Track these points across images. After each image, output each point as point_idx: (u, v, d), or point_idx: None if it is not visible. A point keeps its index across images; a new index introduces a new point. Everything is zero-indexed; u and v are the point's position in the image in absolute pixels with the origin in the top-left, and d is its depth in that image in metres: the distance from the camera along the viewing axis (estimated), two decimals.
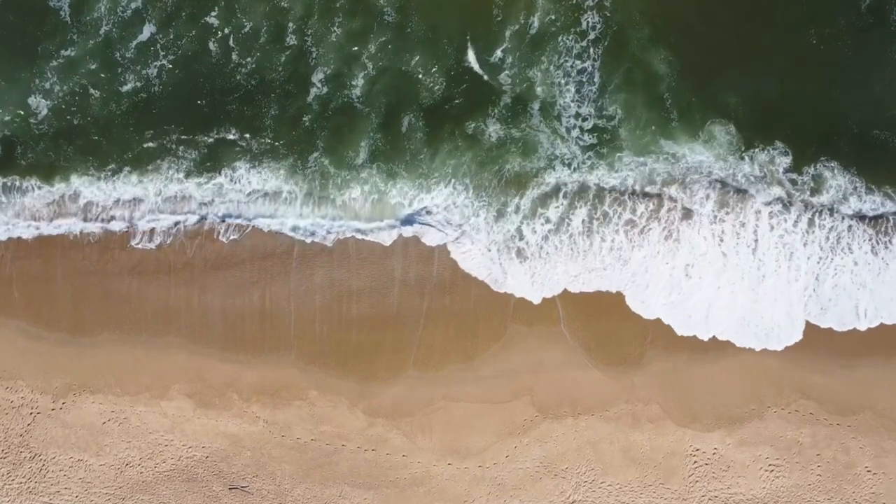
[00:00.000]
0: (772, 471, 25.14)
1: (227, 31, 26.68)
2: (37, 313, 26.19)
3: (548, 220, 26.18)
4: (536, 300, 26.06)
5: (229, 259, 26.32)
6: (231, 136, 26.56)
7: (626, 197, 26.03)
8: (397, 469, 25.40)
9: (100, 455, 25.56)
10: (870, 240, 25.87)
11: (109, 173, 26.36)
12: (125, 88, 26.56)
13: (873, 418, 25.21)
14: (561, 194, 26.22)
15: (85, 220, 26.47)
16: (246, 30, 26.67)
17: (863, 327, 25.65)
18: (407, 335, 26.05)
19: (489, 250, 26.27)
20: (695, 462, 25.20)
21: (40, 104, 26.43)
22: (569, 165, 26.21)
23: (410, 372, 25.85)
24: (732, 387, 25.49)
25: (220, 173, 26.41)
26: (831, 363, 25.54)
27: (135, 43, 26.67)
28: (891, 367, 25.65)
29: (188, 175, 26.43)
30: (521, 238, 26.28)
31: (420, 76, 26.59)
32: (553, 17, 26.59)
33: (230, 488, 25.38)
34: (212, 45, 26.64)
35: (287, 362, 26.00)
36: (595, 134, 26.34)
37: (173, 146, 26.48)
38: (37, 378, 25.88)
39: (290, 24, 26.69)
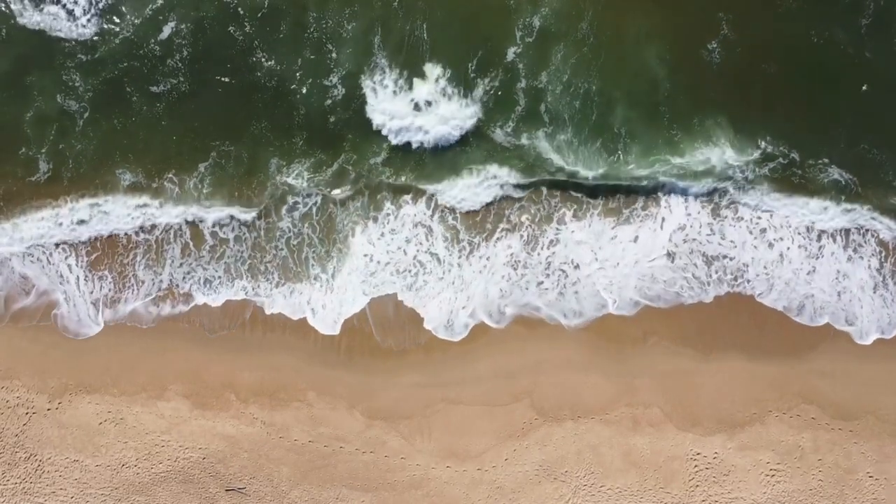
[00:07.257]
0: (773, 476, 25.03)
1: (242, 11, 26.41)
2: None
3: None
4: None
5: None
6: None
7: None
8: (395, 471, 25.27)
9: (96, 456, 25.41)
10: None
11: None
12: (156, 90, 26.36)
13: (875, 423, 25.12)
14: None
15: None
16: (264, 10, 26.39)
17: None
18: (406, 336, 25.99)
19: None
20: (695, 466, 25.08)
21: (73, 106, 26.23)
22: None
23: (409, 374, 25.74)
24: (734, 390, 25.40)
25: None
26: (833, 367, 25.45)
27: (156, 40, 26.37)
28: (893, 372, 25.57)
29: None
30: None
31: None
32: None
33: (227, 490, 25.25)
34: (232, 29, 26.37)
35: (286, 363, 25.88)
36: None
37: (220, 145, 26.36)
38: (33, 377, 25.74)
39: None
